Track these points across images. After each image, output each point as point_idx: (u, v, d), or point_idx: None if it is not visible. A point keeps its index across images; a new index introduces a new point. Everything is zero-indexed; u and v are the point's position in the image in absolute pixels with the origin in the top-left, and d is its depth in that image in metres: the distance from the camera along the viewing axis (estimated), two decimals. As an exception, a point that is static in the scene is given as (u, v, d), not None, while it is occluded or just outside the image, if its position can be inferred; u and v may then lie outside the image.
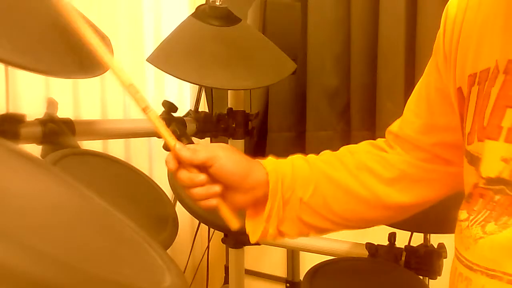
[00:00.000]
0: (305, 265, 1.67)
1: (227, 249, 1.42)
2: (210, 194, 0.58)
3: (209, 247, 1.62)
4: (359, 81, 1.47)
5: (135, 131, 1.06)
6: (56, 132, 0.81)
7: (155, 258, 0.44)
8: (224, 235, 1.29)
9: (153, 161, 1.63)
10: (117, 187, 0.84)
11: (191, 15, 1.05)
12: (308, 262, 1.56)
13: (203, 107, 1.61)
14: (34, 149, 0.79)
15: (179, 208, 0.93)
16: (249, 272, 1.72)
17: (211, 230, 1.61)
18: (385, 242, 1.08)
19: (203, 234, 1.68)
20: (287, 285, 1.73)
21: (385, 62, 1.40)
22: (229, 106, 1.23)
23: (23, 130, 0.77)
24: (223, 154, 0.59)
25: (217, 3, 1.05)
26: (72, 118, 0.86)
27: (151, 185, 0.91)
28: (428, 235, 1.09)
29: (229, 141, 1.22)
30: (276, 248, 1.61)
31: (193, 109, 1.22)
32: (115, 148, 1.46)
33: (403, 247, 1.06)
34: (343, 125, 1.55)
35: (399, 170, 0.64)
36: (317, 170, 0.65)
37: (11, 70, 1.09)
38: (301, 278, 1.43)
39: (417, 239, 1.09)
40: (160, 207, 0.89)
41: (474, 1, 0.54)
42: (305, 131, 1.56)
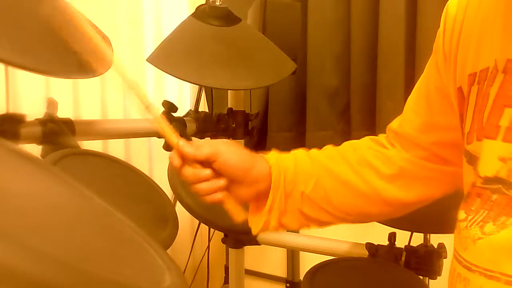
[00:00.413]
0: (305, 265, 1.67)
1: (227, 249, 1.42)
2: (215, 189, 0.59)
3: (209, 247, 1.61)
4: (359, 81, 1.47)
5: (135, 131, 1.06)
6: (56, 132, 0.81)
7: (155, 258, 0.44)
8: (224, 235, 1.29)
9: (153, 161, 1.63)
10: (117, 187, 0.84)
11: (191, 15, 1.05)
12: (308, 262, 1.56)
13: (203, 107, 1.61)
14: (34, 149, 0.80)
15: (179, 208, 0.93)
16: (249, 272, 1.72)
17: (211, 230, 1.61)
18: (385, 242, 1.08)
19: (203, 234, 1.67)
20: (287, 285, 1.73)
21: (385, 62, 1.40)
22: (229, 106, 1.23)
23: (23, 130, 0.77)
24: (226, 148, 0.59)
25: (217, 3, 1.05)
26: (72, 118, 0.86)
27: (151, 185, 0.91)
28: (428, 235, 1.09)
29: (229, 141, 1.22)
30: (276, 248, 1.61)
31: (193, 109, 1.22)
32: (115, 148, 1.46)
33: (403, 247, 1.06)
34: (343, 125, 1.55)
35: (398, 167, 0.64)
36: (319, 164, 0.65)
37: (11, 70, 1.09)
38: (301, 278, 1.43)
39: (417, 239, 1.09)
40: (160, 207, 0.89)
41: (474, 0, 0.53)
42: (305, 131, 1.56)
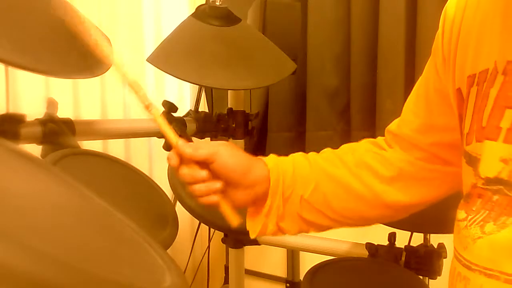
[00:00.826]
0: (305, 265, 1.67)
1: (227, 249, 1.42)
2: (211, 191, 0.59)
3: (209, 247, 1.61)
4: (359, 81, 1.47)
5: (135, 131, 1.06)
6: (56, 132, 0.81)
7: (155, 258, 0.44)
8: (224, 235, 1.29)
9: (153, 161, 1.63)
10: (117, 187, 0.84)
11: (191, 15, 1.05)
12: (308, 262, 1.56)
13: (203, 107, 1.61)
14: (34, 149, 0.79)
15: (179, 208, 0.93)
16: (249, 272, 1.72)
17: (211, 230, 1.61)
18: (385, 242, 1.08)
19: (203, 234, 1.67)
20: (287, 285, 1.73)
21: (385, 62, 1.40)
22: (229, 106, 1.23)
23: (23, 130, 0.77)
24: (224, 150, 0.59)
25: (217, 3, 1.05)
26: (72, 118, 0.86)
27: (151, 185, 0.91)
28: (428, 235, 1.09)
29: (229, 141, 1.22)
30: (276, 248, 1.61)
31: (193, 109, 1.22)
32: (115, 148, 1.46)
33: (403, 247, 1.06)
34: (343, 125, 1.55)
35: (398, 169, 0.64)
36: (317, 168, 0.65)
37: (11, 70, 1.09)
38: (301, 278, 1.43)
39: (417, 239, 1.09)
40: (160, 207, 0.89)
41: (472, 2, 0.53)
42: (305, 131, 1.56)
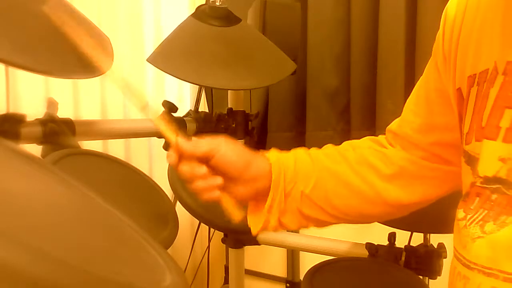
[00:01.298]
0: (305, 265, 1.67)
1: (227, 249, 1.42)
2: (212, 187, 0.59)
3: (209, 247, 1.61)
4: (359, 81, 1.47)
5: (135, 131, 1.06)
6: (56, 132, 0.81)
7: (155, 258, 0.44)
8: (224, 235, 1.29)
9: (153, 161, 1.63)
10: (117, 187, 0.84)
11: (191, 15, 1.05)
12: (308, 262, 1.56)
13: (203, 107, 1.61)
14: (34, 149, 0.79)
15: (179, 208, 0.93)
16: (249, 272, 1.72)
17: (211, 230, 1.61)
18: (385, 242, 1.08)
19: (203, 234, 1.67)
20: (287, 285, 1.73)
21: (385, 62, 1.40)
22: (229, 106, 1.23)
23: (23, 130, 0.76)
24: (224, 145, 0.59)
25: (217, 3, 1.05)
26: (72, 118, 0.86)
27: (151, 185, 0.91)
28: (428, 235, 1.09)
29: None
30: (276, 248, 1.61)
31: (193, 109, 1.22)
32: (115, 148, 1.46)
33: (403, 247, 1.06)
34: (343, 125, 1.55)
35: (399, 167, 0.64)
36: (319, 164, 0.65)
37: (11, 70, 1.09)
38: (301, 278, 1.43)
39: (417, 239, 1.09)
40: (160, 207, 0.89)
41: (473, 2, 0.54)
42: (305, 131, 1.56)
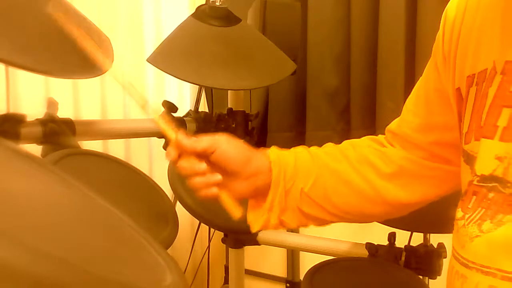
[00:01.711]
0: (305, 265, 1.67)
1: (227, 249, 1.42)
2: (211, 183, 0.59)
3: (209, 247, 1.61)
4: (359, 81, 1.47)
5: (135, 131, 1.06)
6: (57, 132, 0.81)
7: (155, 258, 0.44)
8: (224, 235, 1.29)
9: (153, 161, 1.63)
10: (117, 187, 0.84)
11: (191, 15, 1.05)
12: (308, 262, 1.56)
13: (203, 107, 1.61)
14: (34, 149, 0.80)
15: (179, 208, 0.93)
16: (249, 272, 1.72)
17: (211, 230, 1.61)
18: (385, 242, 1.08)
19: (203, 234, 1.67)
20: (287, 285, 1.73)
21: (385, 62, 1.40)
22: (229, 106, 1.23)
23: (23, 130, 0.76)
24: (224, 141, 0.60)
25: (217, 3, 1.05)
26: (72, 118, 0.86)
27: (151, 185, 0.91)
28: (428, 235, 1.09)
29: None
30: (276, 248, 1.61)
31: (193, 109, 1.22)
32: (115, 148, 1.46)
33: (403, 247, 1.06)
34: (343, 125, 1.55)
35: (398, 166, 0.64)
36: (319, 162, 0.65)
37: (11, 70, 1.09)
38: (301, 278, 1.43)
39: (417, 239, 1.09)
40: (160, 207, 0.89)
41: (472, 3, 0.54)
42: (305, 131, 1.56)
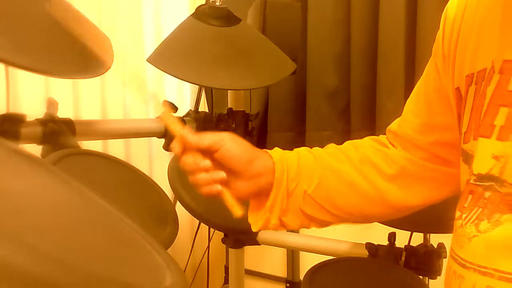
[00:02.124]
0: (305, 265, 1.67)
1: (227, 249, 1.42)
2: (214, 180, 0.59)
3: (209, 247, 1.61)
4: (359, 81, 1.47)
5: (135, 131, 1.06)
6: (56, 132, 0.81)
7: (155, 258, 0.44)
8: (224, 235, 1.29)
9: (153, 161, 1.63)
10: (117, 187, 0.84)
11: (191, 15, 1.05)
12: (308, 262, 1.56)
13: (203, 107, 1.61)
14: (34, 149, 0.80)
15: (179, 208, 0.93)
16: (249, 272, 1.72)
17: (211, 230, 1.61)
18: (385, 242, 1.08)
19: (203, 234, 1.67)
20: (287, 285, 1.73)
21: (385, 62, 1.40)
22: (229, 106, 1.23)
23: (23, 130, 0.77)
24: (229, 139, 0.60)
25: (217, 3, 1.05)
26: (72, 118, 0.86)
27: (151, 185, 0.91)
28: (428, 235, 1.09)
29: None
30: (276, 248, 1.61)
31: (193, 109, 1.22)
32: (115, 148, 1.46)
33: (403, 247, 1.06)
34: (343, 125, 1.55)
35: (400, 167, 0.64)
36: (322, 163, 0.65)
37: (11, 70, 1.09)
38: (301, 278, 1.43)
39: (417, 239, 1.09)
40: (160, 207, 0.89)
41: (472, 3, 0.54)
42: (305, 131, 1.56)
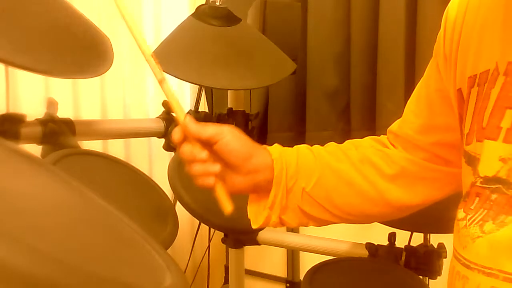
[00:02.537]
0: (305, 265, 1.67)
1: (227, 249, 1.42)
2: (209, 172, 0.58)
3: (209, 247, 1.61)
4: (359, 81, 1.47)
5: (135, 131, 1.06)
6: (56, 132, 0.81)
7: (155, 258, 0.44)
8: (224, 235, 1.29)
9: (153, 161, 1.63)
10: (117, 187, 0.84)
11: (191, 15, 1.05)
12: (308, 262, 1.56)
13: (203, 107, 1.61)
14: (34, 149, 0.80)
15: (179, 208, 0.93)
16: (249, 272, 1.72)
17: (211, 230, 1.61)
18: (385, 242, 1.08)
19: (203, 234, 1.67)
20: (287, 285, 1.73)
21: (385, 62, 1.40)
22: (229, 106, 1.23)
23: (23, 130, 0.77)
24: (229, 132, 0.60)
25: (217, 3, 1.05)
26: (72, 118, 0.86)
27: (151, 185, 0.91)
28: (428, 235, 1.09)
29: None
30: (276, 248, 1.61)
31: (193, 109, 1.22)
32: (115, 148, 1.46)
33: (403, 247, 1.06)
34: (343, 125, 1.55)
35: (400, 167, 0.64)
36: (321, 161, 0.65)
37: (11, 70, 1.09)
38: (301, 278, 1.43)
39: (417, 239, 1.09)
40: (160, 207, 0.89)
41: (474, 3, 0.54)
42: (305, 131, 1.56)
